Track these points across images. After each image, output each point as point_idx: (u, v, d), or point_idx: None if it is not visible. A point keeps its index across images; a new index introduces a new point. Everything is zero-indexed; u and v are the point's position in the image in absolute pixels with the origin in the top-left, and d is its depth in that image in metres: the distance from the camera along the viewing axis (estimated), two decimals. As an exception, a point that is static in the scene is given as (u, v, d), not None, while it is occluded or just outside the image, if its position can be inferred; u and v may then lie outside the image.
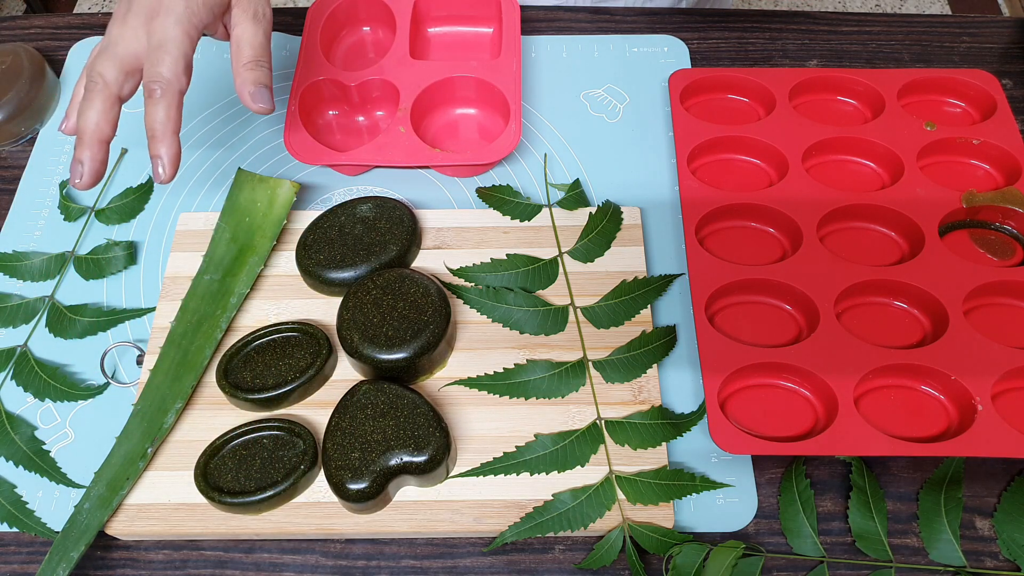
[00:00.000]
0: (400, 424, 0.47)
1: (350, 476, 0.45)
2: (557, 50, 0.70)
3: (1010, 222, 0.59)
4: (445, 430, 0.47)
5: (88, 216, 0.61)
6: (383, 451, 0.46)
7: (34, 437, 0.52)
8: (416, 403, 0.47)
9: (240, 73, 0.48)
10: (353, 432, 0.47)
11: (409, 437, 0.46)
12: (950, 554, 0.47)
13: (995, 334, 0.53)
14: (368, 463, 0.45)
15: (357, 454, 0.46)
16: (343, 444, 0.46)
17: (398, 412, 0.47)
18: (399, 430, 0.46)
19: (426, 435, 0.46)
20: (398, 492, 0.48)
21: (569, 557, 0.48)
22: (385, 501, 0.47)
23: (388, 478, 0.46)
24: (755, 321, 0.55)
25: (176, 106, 0.46)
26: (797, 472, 0.50)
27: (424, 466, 0.46)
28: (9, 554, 0.49)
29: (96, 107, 0.46)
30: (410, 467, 0.46)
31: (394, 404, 0.47)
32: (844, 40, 0.71)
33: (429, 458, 0.46)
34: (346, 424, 0.47)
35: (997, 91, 0.64)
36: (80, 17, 0.73)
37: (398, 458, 0.46)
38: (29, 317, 0.56)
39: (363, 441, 0.46)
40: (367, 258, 0.54)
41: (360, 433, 0.47)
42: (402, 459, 0.46)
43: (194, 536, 0.48)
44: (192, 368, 0.52)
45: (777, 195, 0.59)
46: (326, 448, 0.47)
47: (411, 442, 0.46)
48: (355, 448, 0.46)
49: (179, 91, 0.46)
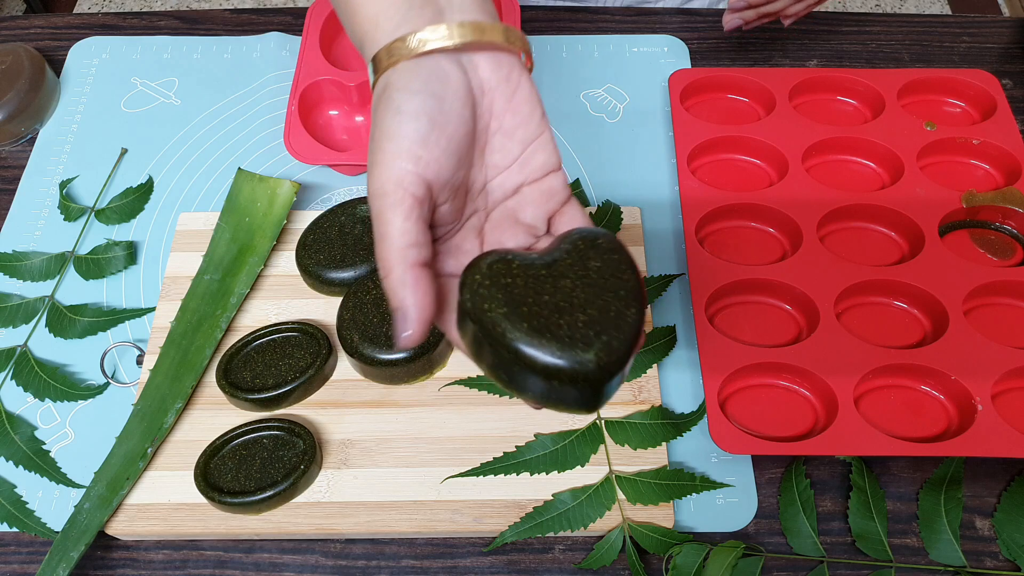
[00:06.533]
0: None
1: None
2: (557, 50, 0.70)
3: (1010, 222, 0.59)
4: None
5: (88, 216, 0.61)
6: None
7: (34, 437, 0.51)
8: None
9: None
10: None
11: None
12: (950, 554, 0.47)
13: (995, 334, 0.53)
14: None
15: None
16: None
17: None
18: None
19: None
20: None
21: (569, 557, 0.48)
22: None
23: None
24: (755, 321, 0.55)
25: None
26: (797, 472, 0.50)
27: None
28: (9, 554, 0.49)
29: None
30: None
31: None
32: (844, 40, 0.71)
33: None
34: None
35: (997, 91, 0.64)
36: (80, 17, 0.73)
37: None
38: (29, 317, 0.56)
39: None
40: (367, 258, 0.54)
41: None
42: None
43: (194, 536, 0.48)
44: (192, 368, 0.52)
45: (777, 195, 0.59)
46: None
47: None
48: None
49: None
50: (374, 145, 0.34)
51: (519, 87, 0.37)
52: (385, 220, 0.33)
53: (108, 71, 0.69)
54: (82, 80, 0.68)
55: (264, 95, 0.67)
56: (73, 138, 0.65)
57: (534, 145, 0.38)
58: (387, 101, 0.34)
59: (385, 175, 0.34)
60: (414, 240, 0.33)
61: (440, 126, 0.34)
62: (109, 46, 0.70)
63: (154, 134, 0.65)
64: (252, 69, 0.69)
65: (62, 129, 0.66)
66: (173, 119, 0.66)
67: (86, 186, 0.63)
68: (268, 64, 0.69)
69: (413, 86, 0.34)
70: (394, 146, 0.34)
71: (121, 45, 0.70)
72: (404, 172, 0.33)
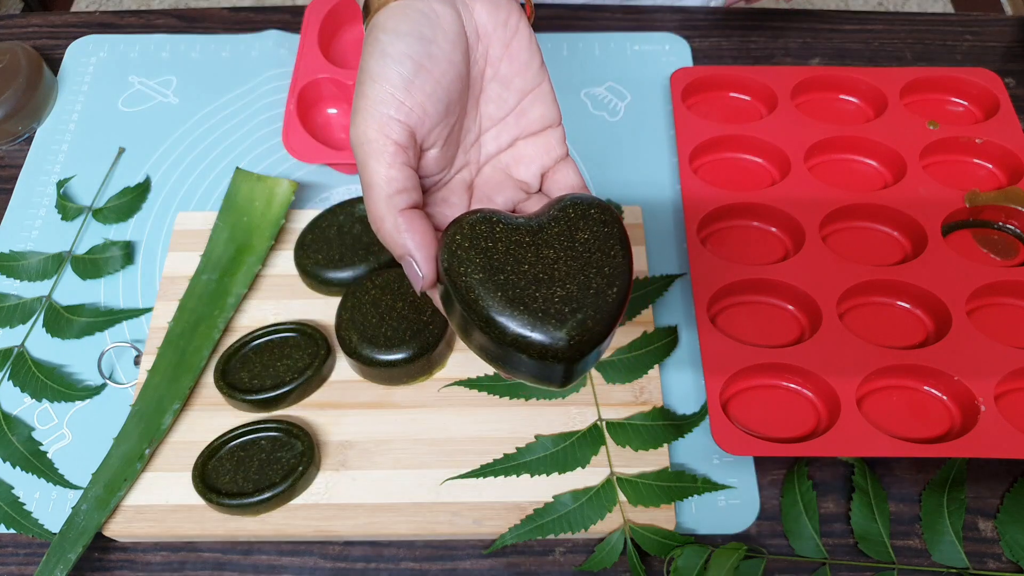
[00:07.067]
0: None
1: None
2: (558, 48, 0.69)
3: (1013, 221, 0.58)
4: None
5: (85, 216, 0.60)
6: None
7: (31, 438, 0.51)
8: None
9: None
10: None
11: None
12: (953, 555, 0.47)
13: (998, 334, 0.52)
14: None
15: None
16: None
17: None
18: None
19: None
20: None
21: (570, 559, 0.48)
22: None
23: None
24: (757, 321, 0.55)
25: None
26: (799, 473, 0.49)
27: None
28: (7, 555, 0.49)
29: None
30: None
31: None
32: (846, 38, 0.71)
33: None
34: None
35: (1000, 90, 0.64)
36: (78, 16, 0.73)
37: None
38: (26, 317, 0.56)
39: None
40: (366, 258, 0.54)
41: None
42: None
43: (192, 538, 0.48)
44: (190, 369, 0.51)
45: (779, 194, 0.58)
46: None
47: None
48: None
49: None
50: (358, 90, 0.33)
51: (517, 33, 0.36)
52: (369, 169, 0.32)
53: (106, 70, 0.68)
54: (79, 79, 0.68)
55: (262, 93, 0.67)
56: (70, 137, 0.65)
57: (532, 96, 0.37)
58: (373, 43, 0.33)
59: (367, 122, 0.33)
60: (401, 186, 0.32)
61: (426, 70, 0.33)
62: (107, 44, 0.70)
63: (152, 133, 0.65)
64: (250, 67, 0.68)
65: (59, 128, 0.65)
66: (171, 118, 0.66)
67: (83, 185, 0.62)
68: (266, 62, 0.69)
69: (401, 28, 0.33)
70: (376, 91, 0.32)
71: (119, 43, 0.70)
72: (386, 118, 0.32)
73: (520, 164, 0.37)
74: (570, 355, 0.31)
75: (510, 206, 0.37)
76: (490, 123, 0.37)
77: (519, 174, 0.38)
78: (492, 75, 0.36)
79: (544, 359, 0.31)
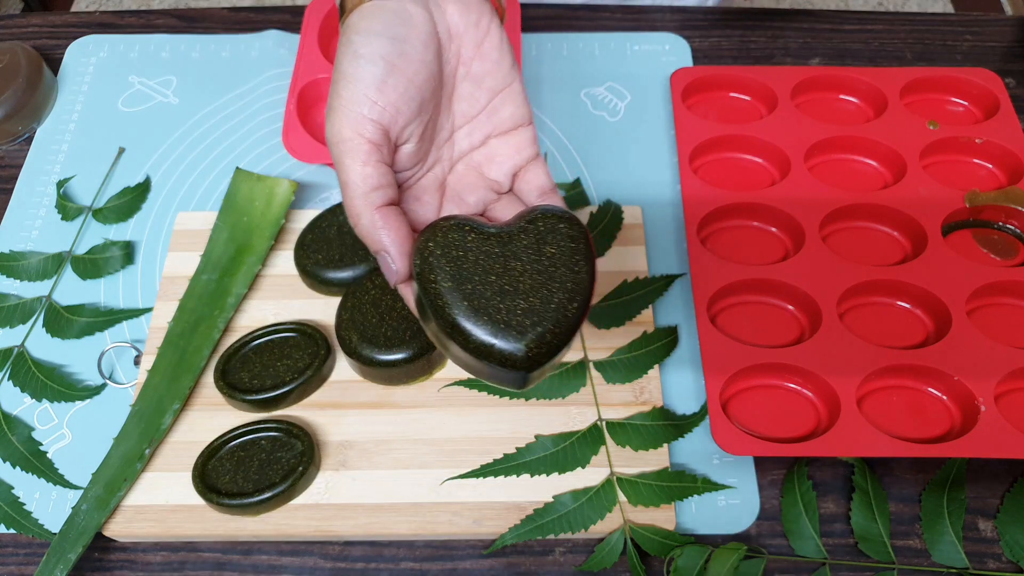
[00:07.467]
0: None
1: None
2: (558, 48, 0.69)
3: (1013, 221, 0.58)
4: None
5: (85, 216, 0.60)
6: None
7: (31, 438, 0.51)
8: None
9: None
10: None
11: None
12: (953, 556, 0.47)
13: (998, 334, 0.52)
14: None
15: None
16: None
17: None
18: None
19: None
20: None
21: (570, 559, 0.48)
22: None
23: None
24: (757, 321, 0.55)
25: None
26: (799, 473, 0.49)
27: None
28: (6, 555, 0.49)
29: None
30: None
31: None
32: (846, 38, 0.71)
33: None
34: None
35: (1000, 90, 0.64)
36: (78, 16, 0.73)
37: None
38: (26, 317, 0.56)
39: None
40: (366, 258, 0.54)
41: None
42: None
43: (192, 538, 0.48)
44: (190, 369, 0.51)
45: (779, 194, 0.58)
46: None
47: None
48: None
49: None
50: (332, 89, 0.34)
51: (488, 34, 0.37)
52: (345, 167, 0.34)
53: (106, 70, 0.68)
54: (79, 79, 0.68)
55: (262, 93, 0.67)
56: (70, 137, 0.65)
57: (503, 95, 0.38)
58: (347, 43, 0.34)
59: (341, 121, 0.34)
60: (376, 183, 0.34)
61: (399, 70, 0.34)
62: (107, 44, 0.70)
63: (152, 133, 0.65)
64: (250, 67, 0.68)
65: (59, 128, 0.65)
66: (171, 118, 0.66)
67: (83, 185, 0.62)
68: (266, 62, 0.69)
69: (374, 28, 0.34)
70: (350, 91, 0.33)
71: (119, 43, 0.70)
72: (359, 118, 0.33)
73: (492, 163, 0.39)
74: (528, 365, 0.33)
75: (481, 207, 0.39)
76: (463, 120, 0.38)
77: (491, 173, 0.39)
78: (464, 74, 0.37)
79: (504, 366, 0.33)
